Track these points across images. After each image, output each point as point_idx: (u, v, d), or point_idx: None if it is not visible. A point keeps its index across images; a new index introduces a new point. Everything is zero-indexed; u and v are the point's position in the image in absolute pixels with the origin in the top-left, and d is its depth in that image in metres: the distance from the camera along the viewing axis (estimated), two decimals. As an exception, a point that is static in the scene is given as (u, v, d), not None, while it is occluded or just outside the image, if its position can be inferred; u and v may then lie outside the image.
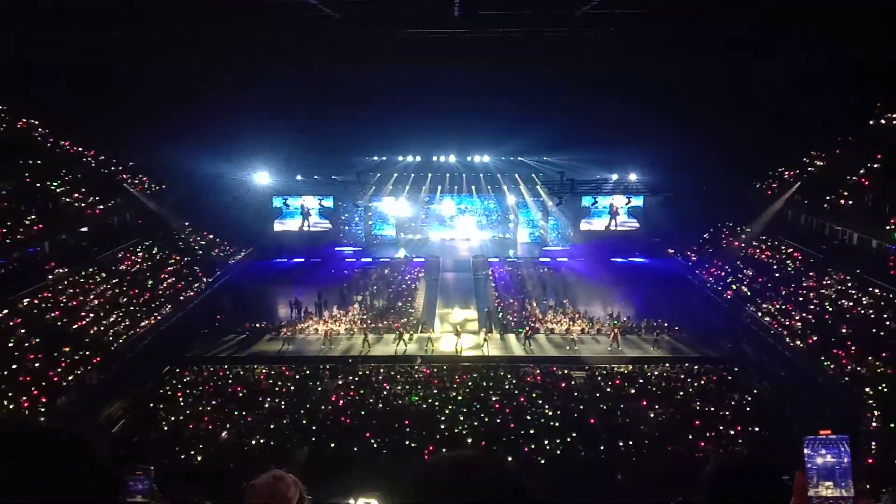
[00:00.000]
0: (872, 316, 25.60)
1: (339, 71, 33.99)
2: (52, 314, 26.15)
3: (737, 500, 2.09)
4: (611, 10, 22.58)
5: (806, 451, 1.96)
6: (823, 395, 23.38)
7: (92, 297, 28.79)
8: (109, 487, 1.70)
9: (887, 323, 24.59)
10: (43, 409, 21.00)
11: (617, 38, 27.31)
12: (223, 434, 21.87)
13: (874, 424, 19.99)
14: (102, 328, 27.13)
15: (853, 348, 24.18)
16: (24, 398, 21.01)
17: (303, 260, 44.61)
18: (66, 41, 27.89)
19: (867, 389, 21.66)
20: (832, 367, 24.01)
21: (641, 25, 25.31)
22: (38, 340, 23.90)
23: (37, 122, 32.94)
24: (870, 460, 17.68)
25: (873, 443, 18.94)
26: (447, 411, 23.12)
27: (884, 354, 22.81)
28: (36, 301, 26.27)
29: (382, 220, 49.19)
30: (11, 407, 20.40)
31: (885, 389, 21.33)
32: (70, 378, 23.20)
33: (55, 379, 22.58)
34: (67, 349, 24.37)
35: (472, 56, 30.49)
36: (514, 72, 34.10)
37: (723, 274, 36.49)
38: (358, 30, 26.21)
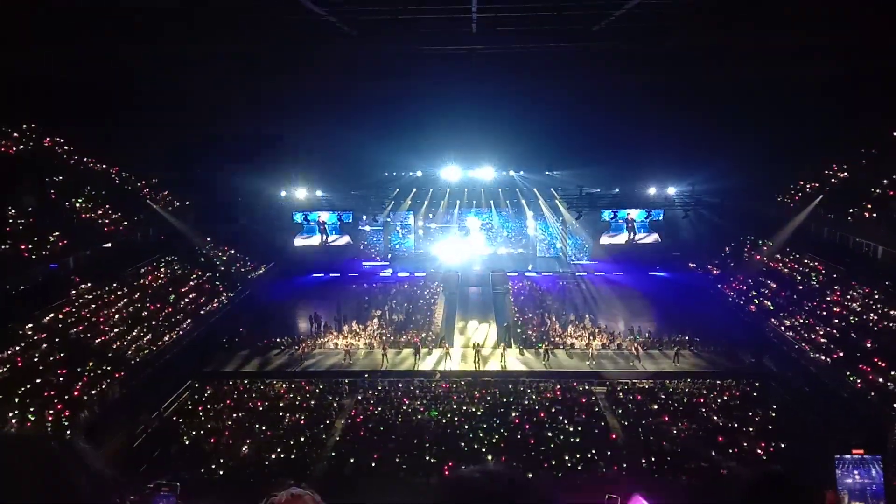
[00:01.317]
0: (899, 330, 25.18)
1: (358, 86, 34.29)
2: (76, 329, 26.49)
3: None
4: (628, 24, 22.64)
5: (837, 470, 1.94)
6: (849, 411, 22.97)
7: (114, 312, 29.13)
8: (105, 498, 1.73)
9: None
10: (66, 423, 21.22)
11: (635, 52, 27.35)
12: (244, 448, 21.94)
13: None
14: (125, 343, 27.42)
15: (880, 363, 23.77)
16: (49, 412, 21.25)
17: (322, 275, 44.83)
18: (88, 58, 28.45)
19: (895, 405, 21.26)
20: (858, 382, 23.62)
21: (659, 40, 25.29)
22: (61, 355, 24.23)
23: (61, 140, 33.53)
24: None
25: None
26: (467, 426, 23.03)
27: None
28: (60, 316, 26.63)
29: (401, 235, 49.31)
30: (36, 420, 20.65)
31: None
32: (93, 392, 23.44)
33: (78, 393, 22.83)
34: (91, 364, 24.65)
35: (490, 71, 30.64)
36: (530, 87, 34.18)
37: (745, 288, 36.08)
38: (378, 46, 26.49)
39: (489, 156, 43.12)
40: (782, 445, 21.40)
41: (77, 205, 31.27)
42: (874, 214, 30.40)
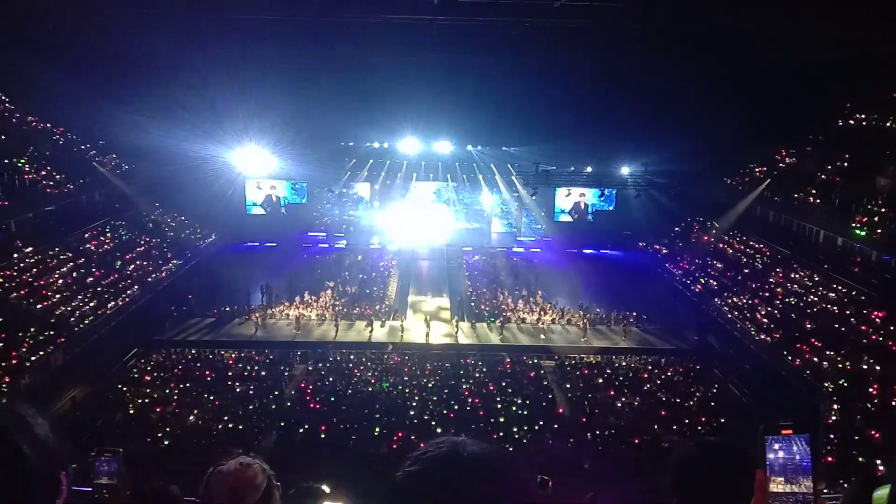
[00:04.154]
0: (836, 312, 26.16)
1: (317, 53, 33.60)
2: (17, 293, 25.64)
3: (702, 484, 2.14)
4: (588, 2, 22.72)
5: (766, 449, 2.01)
6: (786, 389, 23.87)
7: (58, 277, 28.29)
8: (50, 464, 1.69)
9: (851, 320, 25.15)
10: (6, 389, 20.64)
11: (593, 31, 27.46)
12: (190, 418, 21.72)
13: (833, 418, 20.48)
14: (69, 309, 26.68)
15: (816, 343, 24.71)
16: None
17: (275, 244, 44.20)
18: (33, 12, 27.24)
19: (827, 384, 22.17)
20: (796, 360, 24.52)
21: (617, 19, 25.45)
22: (1, 320, 23.44)
23: (3, 98, 32.14)
24: (829, 458, 17.91)
25: (832, 436, 19.38)
26: (417, 398, 23.21)
27: (844, 351, 23.34)
28: (0, 280, 25.74)
29: (356, 207, 48.82)
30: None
31: (845, 384, 21.86)
32: (34, 358, 22.81)
33: (18, 360, 22.17)
34: (32, 329, 23.94)
35: (450, 43, 30.37)
36: (490, 60, 34.02)
37: (692, 268, 36.99)
38: (337, 12, 26.01)
39: (447, 129, 42.83)
40: (721, 420, 22.17)
41: (19, 165, 30.10)
42: (818, 200, 31.42)
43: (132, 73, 33.60)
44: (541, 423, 21.73)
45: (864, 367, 22.26)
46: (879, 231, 26.55)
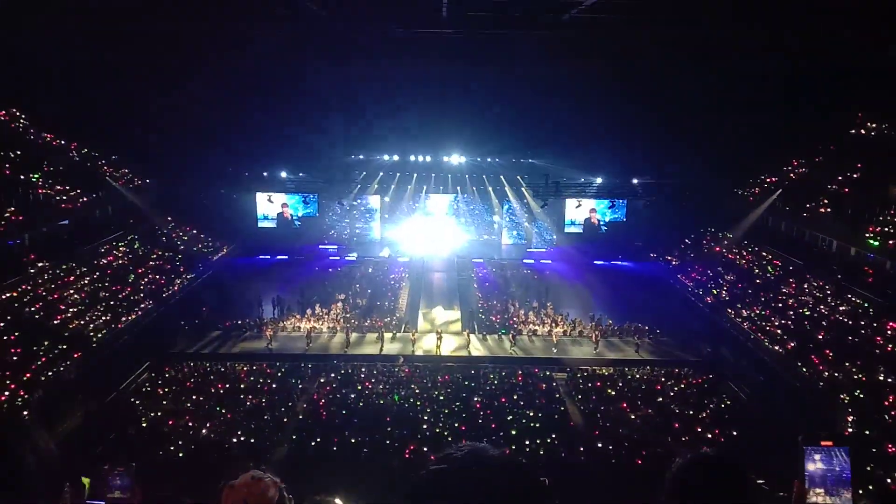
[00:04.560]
0: (849, 323, 25.94)
1: (326, 67, 33.89)
2: (32, 308, 25.86)
3: (698, 496, 2.14)
4: (598, 14, 22.81)
5: (805, 460, 2.02)
6: (800, 401, 23.64)
7: (72, 291, 28.50)
8: (50, 473, 1.74)
9: (863, 330, 24.92)
10: (21, 404, 20.77)
11: (602, 42, 27.55)
12: (203, 431, 21.76)
13: (849, 430, 20.26)
14: (82, 323, 26.87)
15: (830, 354, 24.49)
16: (3, 392, 20.76)
17: (286, 257, 44.35)
18: (50, 33, 27.65)
19: (842, 395, 21.95)
20: (809, 372, 24.30)
21: (626, 31, 25.53)
22: (16, 334, 23.63)
23: (18, 113, 32.55)
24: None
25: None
26: (429, 411, 23.17)
27: (858, 362, 23.11)
28: (15, 294, 25.96)
29: (368, 219, 48.94)
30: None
31: (861, 395, 21.64)
32: (49, 373, 22.95)
33: (31, 375, 22.31)
34: (46, 343, 24.11)
35: (459, 56, 30.56)
36: (498, 72, 34.20)
37: (703, 279, 36.78)
38: (347, 27, 26.24)
39: (457, 141, 43.03)
40: (734, 433, 21.97)
41: (34, 180, 30.43)
42: (829, 210, 31.23)
43: (143, 88, 34.03)
44: (553, 435, 21.63)
45: (880, 378, 22.04)
46: (893, 241, 26.34)
